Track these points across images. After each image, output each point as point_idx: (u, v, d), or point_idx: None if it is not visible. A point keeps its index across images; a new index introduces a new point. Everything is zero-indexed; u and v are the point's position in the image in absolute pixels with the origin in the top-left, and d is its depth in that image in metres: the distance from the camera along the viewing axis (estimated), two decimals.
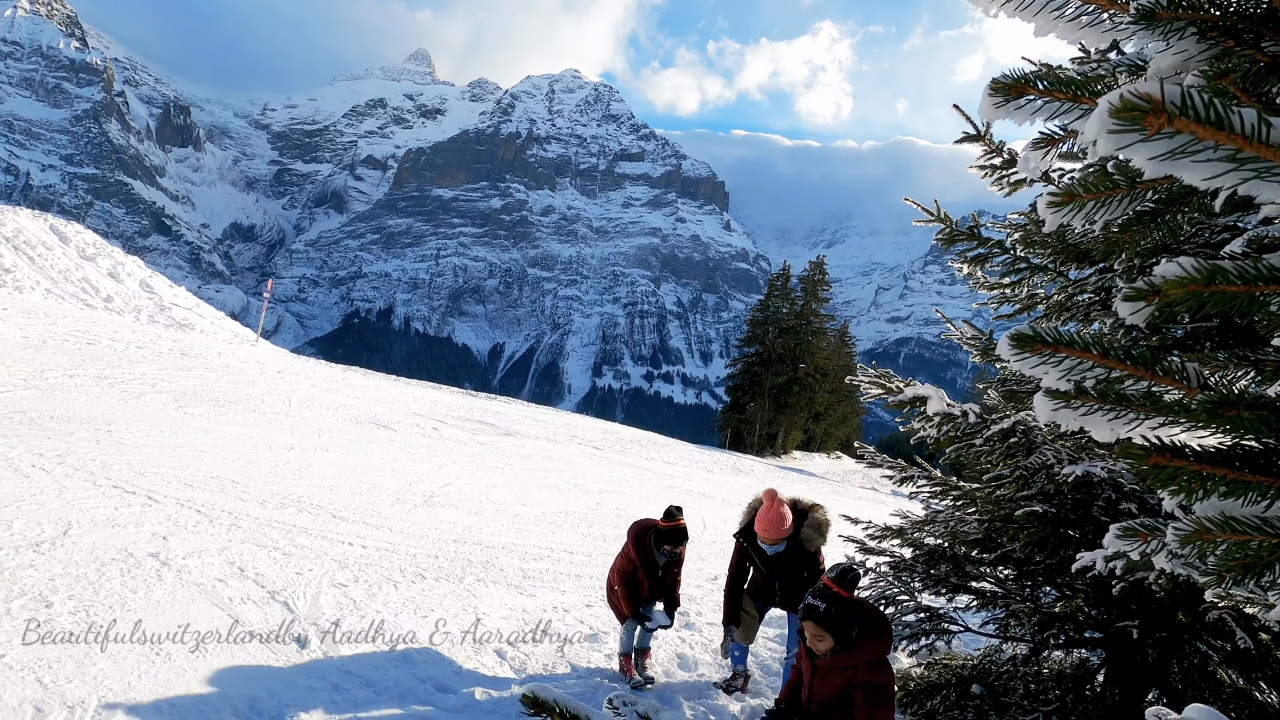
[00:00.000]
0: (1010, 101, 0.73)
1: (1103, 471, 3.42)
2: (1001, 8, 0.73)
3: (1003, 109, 0.74)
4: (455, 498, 8.90)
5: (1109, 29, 0.71)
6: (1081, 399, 0.71)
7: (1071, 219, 0.77)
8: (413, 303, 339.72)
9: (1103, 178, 0.74)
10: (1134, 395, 0.70)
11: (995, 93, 0.74)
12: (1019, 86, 0.72)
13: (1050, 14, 0.72)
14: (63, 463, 5.90)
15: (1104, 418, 0.72)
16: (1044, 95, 0.72)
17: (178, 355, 14.44)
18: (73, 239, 22.97)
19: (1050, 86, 0.71)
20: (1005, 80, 0.73)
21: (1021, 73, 0.74)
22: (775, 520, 4.33)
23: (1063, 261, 4.68)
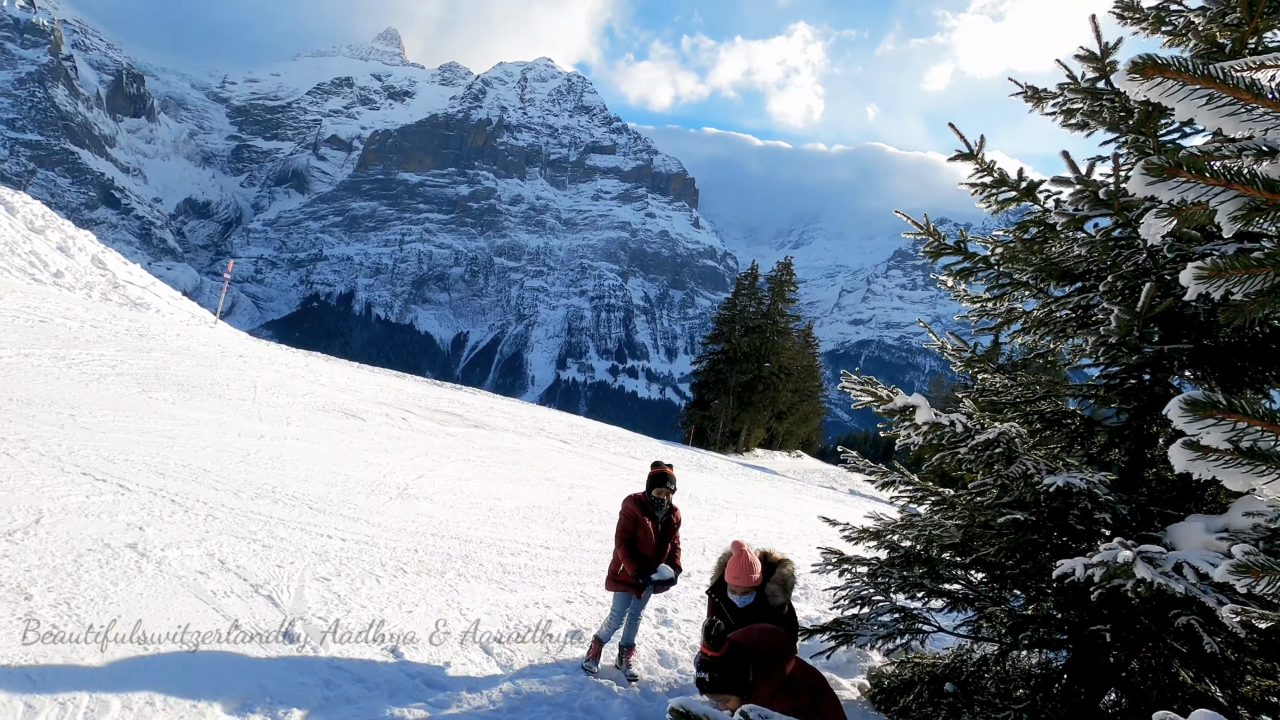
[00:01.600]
0: (1161, 181, 0.80)
1: (1082, 483, 3.60)
2: (1150, 91, 0.80)
3: (1153, 185, 0.81)
4: (429, 490, 8.83)
5: (1247, 120, 0.79)
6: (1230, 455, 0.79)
7: (1215, 290, 0.85)
8: (375, 288, 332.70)
9: (1245, 259, 0.82)
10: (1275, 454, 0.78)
11: (1149, 172, 0.81)
12: (1171, 170, 0.80)
13: (1198, 103, 0.79)
14: (27, 447, 5.68)
15: (1244, 472, 0.80)
16: (1190, 178, 0.79)
17: (135, 336, 13.94)
18: (20, 210, 21.88)
19: (1196, 171, 0.79)
20: (1157, 164, 0.80)
21: (1174, 157, 0.81)
22: (744, 568, 4.29)
23: (1044, 278, 4.87)
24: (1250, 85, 0.75)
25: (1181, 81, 0.77)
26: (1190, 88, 0.77)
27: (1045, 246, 4.67)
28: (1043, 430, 4.77)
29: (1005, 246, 4.89)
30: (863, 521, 5.77)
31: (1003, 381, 4.95)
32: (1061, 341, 4.87)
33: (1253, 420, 0.78)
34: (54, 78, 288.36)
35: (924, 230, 5.02)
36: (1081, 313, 4.62)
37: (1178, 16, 4.71)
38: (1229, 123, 0.81)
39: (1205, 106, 0.79)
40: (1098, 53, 4.18)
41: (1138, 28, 4.85)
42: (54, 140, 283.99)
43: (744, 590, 4.31)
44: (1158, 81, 0.79)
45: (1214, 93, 0.77)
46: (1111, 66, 4.11)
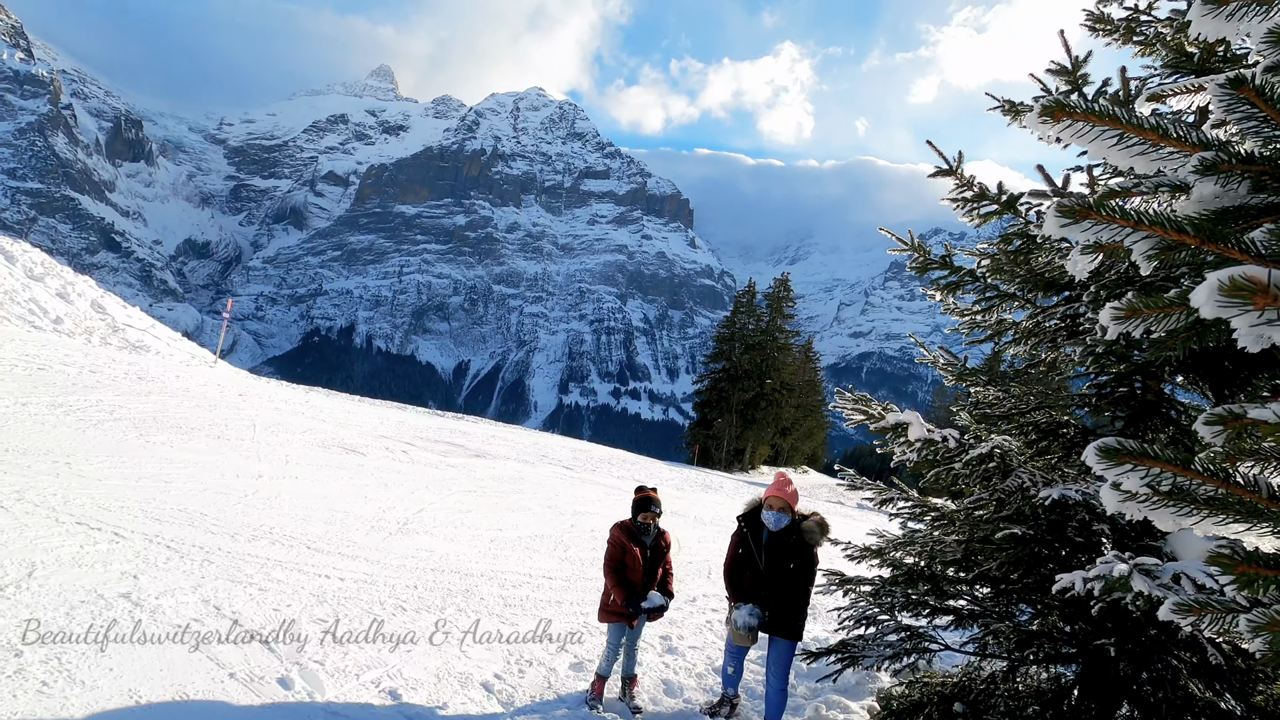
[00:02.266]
0: (1074, 223, 0.81)
1: (1078, 495, 3.57)
2: (1062, 133, 0.81)
3: (1066, 228, 0.82)
4: (430, 524, 8.77)
5: (1156, 159, 0.80)
6: (1154, 498, 0.78)
7: (1134, 329, 0.85)
8: (375, 320, 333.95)
9: (1159, 299, 0.83)
10: (1202, 497, 0.78)
11: (1061, 214, 0.82)
12: (1083, 212, 0.80)
13: (1108, 143, 0.80)
14: (22, 499, 5.65)
15: (1172, 513, 0.79)
16: (1102, 220, 0.80)
17: (134, 379, 13.96)
18: (19, 258, 22.07)
19: (1107, 213, 0.79)
20: (1068, 205, 0.81)
21: (1084, 198, 0.82)
22: (785, 487, 4.53)
23: (1031, 289, 4.88)
24: (1155, 126, 0.76)
25: (1090, 123, 0.78)
26: (1099, 129, 0.78)
27: (1030, 258, 4.68)
28: (1039, 441, 4.74)
29: (991, 259, 4.91)
30: (865, 539, 5.72)
31: (995, 394, 4.94)
32: (1053, 352, 4.86)
33: (1165, 465, 0.78)
34: (54, 127, 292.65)
35: (909, 246, 5.05)
36: (1070, 322, 4.62)
37: (1148, 27, 4.78)
38: (1139, 162, 0.82)
39: (1115, 147, 0.80)
40: (1069, 66, 4.23)
41: (1109, 39, 4.92)
42: (54, 188, 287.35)
43: (780, 508, 4.47)
44: (1067, 124, 0.80)
45: (1122, 133, 0.78)
46: (1083, 79, 4.16)
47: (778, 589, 4.57)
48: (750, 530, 4.59)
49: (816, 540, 4.62)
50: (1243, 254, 0.69)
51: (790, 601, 4.60)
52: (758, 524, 4.63)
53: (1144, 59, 4.90)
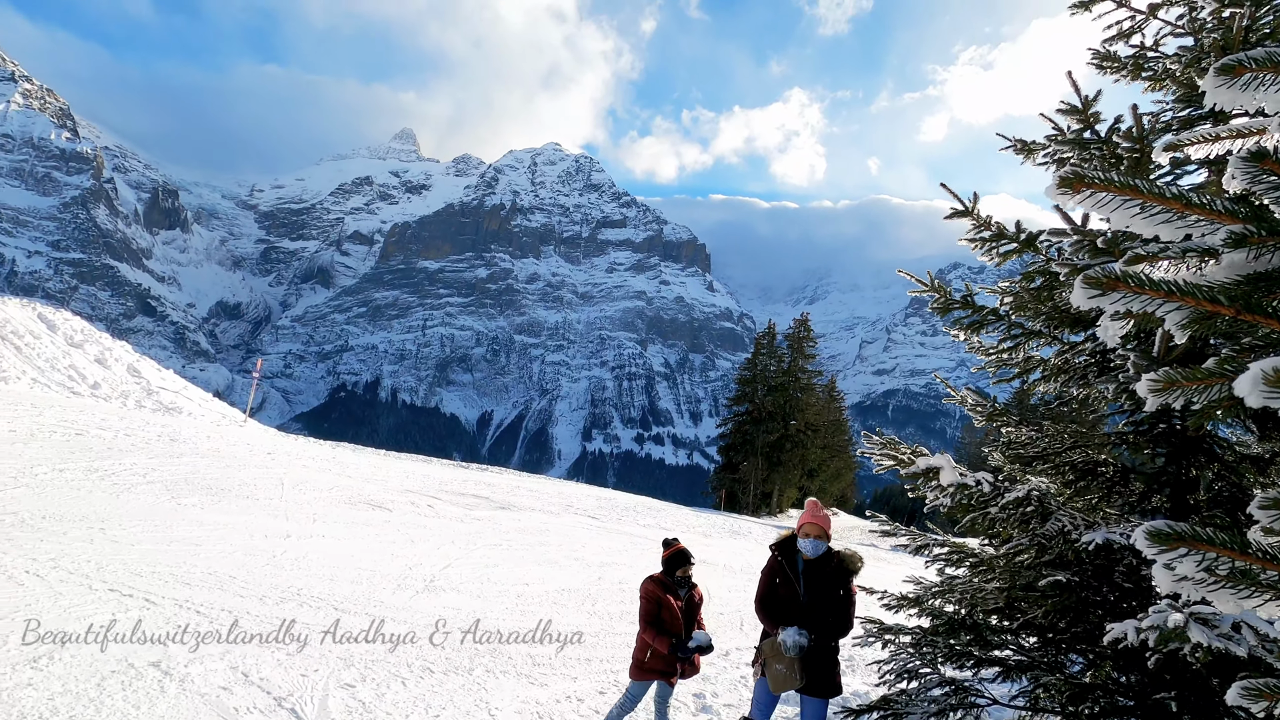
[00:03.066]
0: (1102, 295, 0.80)
1: (1123, 538, 3.44)
2: (1082, 203, 0.82)
3: (1095, 299, 0.82)
4: (456, 580, 8.69)
5: (1182, 226, 0.80)
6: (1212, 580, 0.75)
7: (1173, 400, 0.84)
8: (400, 374, 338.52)
9: (1198, 370, 0.81)
10: (1265, 581, 0.75)
11: (1089, 285, 0.82)
12: (1111, 283, 0.80)
13: (1130, 213, 0.80)
14: (57, 566, 5.73)
15: (1232, 595, 0.76)
16: (1132, 290, 0.79)
17: (167, 441, 14.23)
18: (60, 326, 22.91)
19: (1138, 284, 0.79)
20: (1095, 277, 0.81)
21: (1113, 271, 0.82)
22: (819, 514, 4.33)
23: (1057, 325, 4.82)
24: (1178, 196, 0.76)
25: (1110, 193, 0.78)
26: (1120, 198, 0.78)
27: (1053, 294, 4.64)
28: (1076, 482, 4.59)
29: (1014, 296, 4.86)
30: (901, 587, 5.54)
31: (1028, 433, 4.82)
32: (1084, 388, 4.76)
33: (1221, 550, 0.75)
34: (96, 199, 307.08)
35: (930, 287, 5.03)
36: (1100, 358, 4.54)
37: (1155, 63, 4.82)
38: (1165, 229, 0.81)
39: (1138, 216, 0.79)
40: (1079, 106, 4.26)
41: (1117, 76, 4.96)
42: (95, 257, 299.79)
43: (817, 534, 4.29)
44: (1088, 194, 0.80)
45: (1143, 203, 0.78)
46: (1095, 117, 4.18)
47: (822, 617, 4.23)
48: (785, 558, 4.37)
49: (856, 568, 4.37)
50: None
51: (835, 633, 4.27)
52: (793, 552, 4.41)
53: (1154, 94, 4.93)
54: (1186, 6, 4.40)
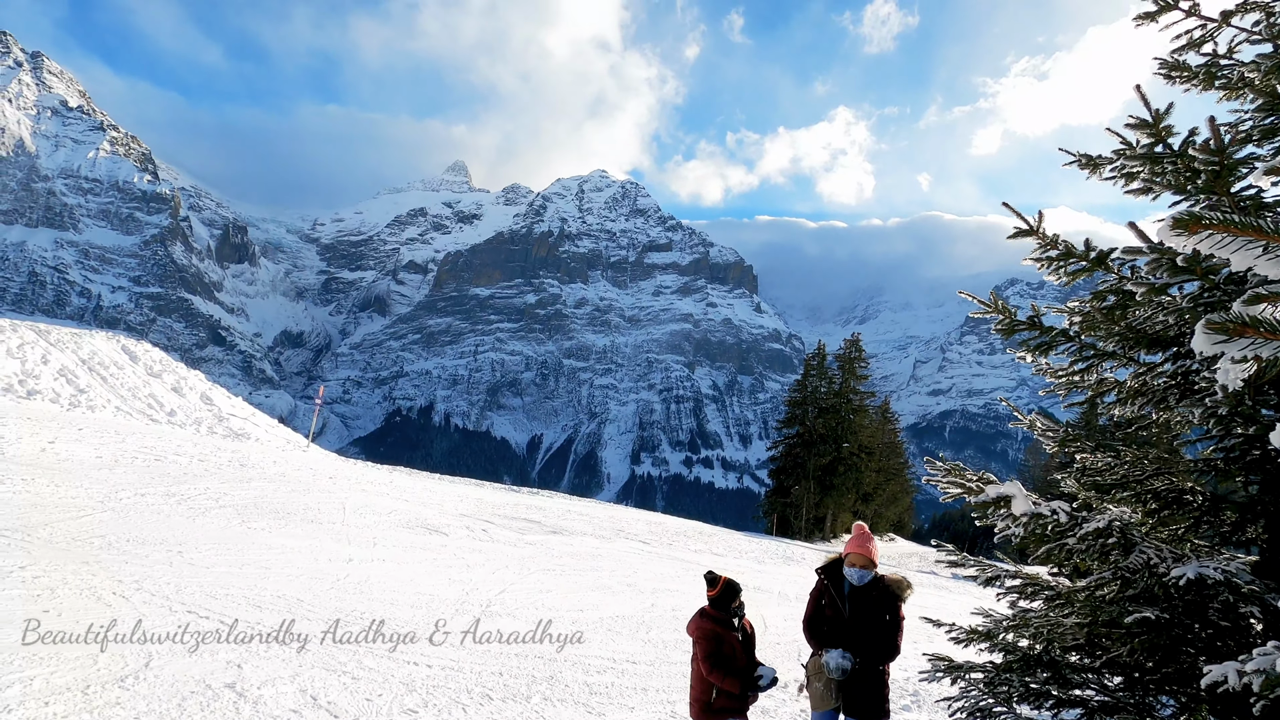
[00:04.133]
0: (1229, 341, 0.78)
1: (1217, 573, 3.23)
2: (1200, 245, 0.79)
3: (1222, 345, 0.79)
4: (512, 606, 8.75)
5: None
6: None
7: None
8: (452, 399, 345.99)
9: None
10: None
11: (1213, 330, 0.79)
12: (1239, 327, 0.78)
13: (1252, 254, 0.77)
14: (140, 588, 6.03)
15: None
16: (1264, 336, 0.76)
17: (237, 466, 14.87)
18: (141, 357, 24.34)
19: (1269, 330, 0.76)
20: (1219, 321, 0.79)
21: (1240, 316, 0.79)
22: (866, 541, 4.29)
23: (1132, 346, 4.60)
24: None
25: (1230, 234, 0.76)
26: (1241, 239, 0.75)
27: (1127, 313, 4.44)
28: (1160, 511, 4.34)
29: (1084, 316, 4.67)
30: (970, 620, 5.31)
31: (1106, 459, 4.59)
32: (1164, 412, 4.51)
33: None
34: (173, 237, 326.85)
35: (993, 308, 4.88)
36: (1182, 379, 4.30)
37: (1230, 70, 4.62)
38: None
39: (1263, 257, 0.76)
40: (1150, 119, 4.11)
41: (1188, 85, 4.77)
42: (171, 290, 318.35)
43: (863, 564, 4.23)
44: (1206, 234, 0.77)
45: (1266, 244, 0.74)
46: (1167, 131, 4.02)
47: (868, 641, 4.13)
48: (832, 582, 4.32)
49: (904, 594, 4.26)
50: None
51: (880, 653, 4.16)
52: (838, 576, 4.32)
53: (1230, 103, 4.72)
54: (1264, 12, 4.21)
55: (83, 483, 9.89)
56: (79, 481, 9.94)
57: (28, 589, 5.59)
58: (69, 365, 21.14)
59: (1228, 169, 3.78)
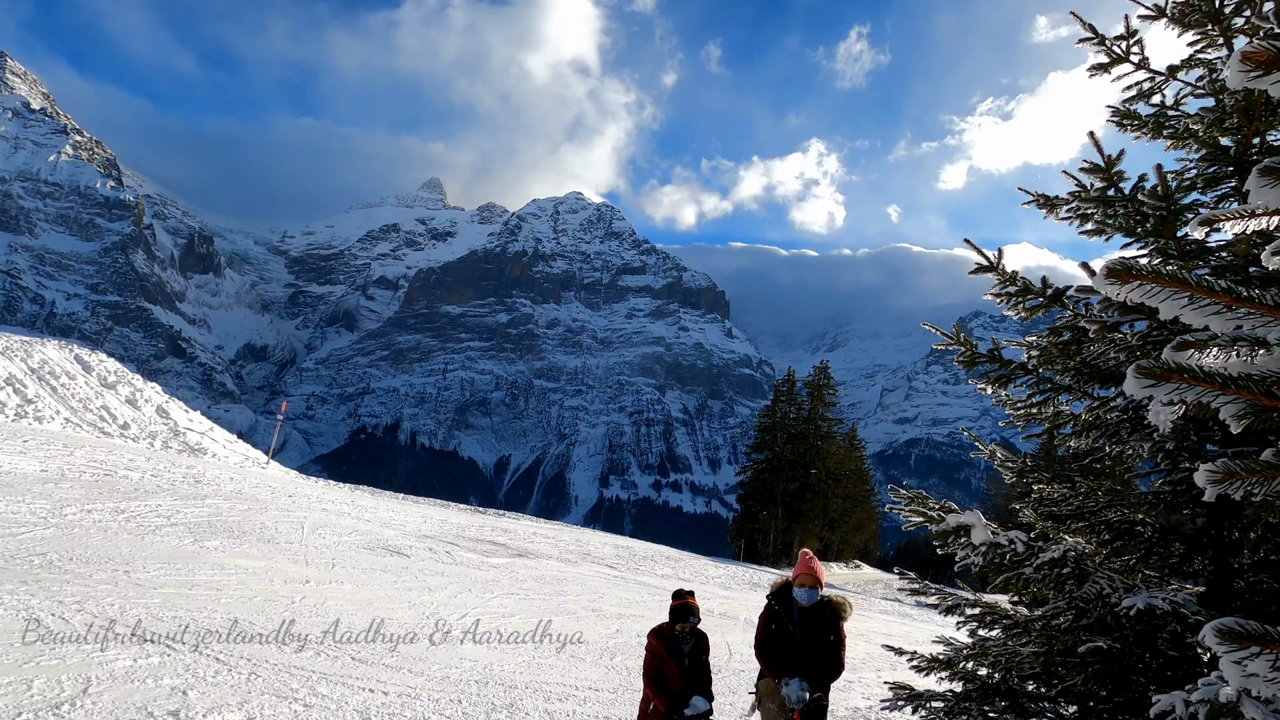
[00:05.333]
0: (1156, 385, 0.82)
1: (1166, 604, 3.32)
2: (1130, 295, 0.84)
3: (1150, 389, 0.83)
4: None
5: (1232, 319, 0.81)
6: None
7: (1232, 492, 0.85)
8: (419, 417, 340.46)
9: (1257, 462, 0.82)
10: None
11: (1142, 375, 0.83)
12: (1164, 374, 0.82)
13: (1179, 304, 0.82)
14: (82, 609, 5.76)
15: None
16: (1186, 383, 0.81)
17: (191, 483, 14.39)
18: (95, 368, 23.53)
19: (1191, 376, 0.81)
20: (1147, 367, 0.83)
21: (1166, 363, 0.84)
22: (813, 564, 4.53)
23: (1086, 380, 4.76)
24: (1227, 289, 0.78)
25: (1159, 285, 0.80)
26: (1169, 290, 0.80)
27: (1082, 349, 4.59)
28: (1113, 542, 4.46)
29: (1041, 350, 4.82)
30: (932, 648, 5.36)
31: (1061, 490, 4.71)
32: (1116, 445, 4.66)
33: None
34: (135, 245, 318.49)
35: (955, 340, 5.01)
36: (1133, 414, 4.46)
37: (1177, 121, 4.87)
38: (1214, 321, 0.83)
39: (1188, 308, 0.81)
40: (1102, 164, 4.30)
41: (1138, 133, 5.02)
42: (131, 299, 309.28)
43: (811, 584, 4.49)
44: (1136, 285, 0.82)
45: (1192, 295, 0.80)
46: (1119, 176, 4.21)
47: (817, 661, 4.47)
48: (781, 606, 4.57)
49: (846, 614, 4.64)
50: None
51: (829, 675, 4.48)
52: (788, 599, 4.59)
53: (1176, 151, 4.97)
54: (1207, 69, 4.46)
55: (24, 497, 9.46)
56: (20, 496, 9.51)
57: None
58: (16, 374, 20.33)
59: (1174, 214, 3.97)
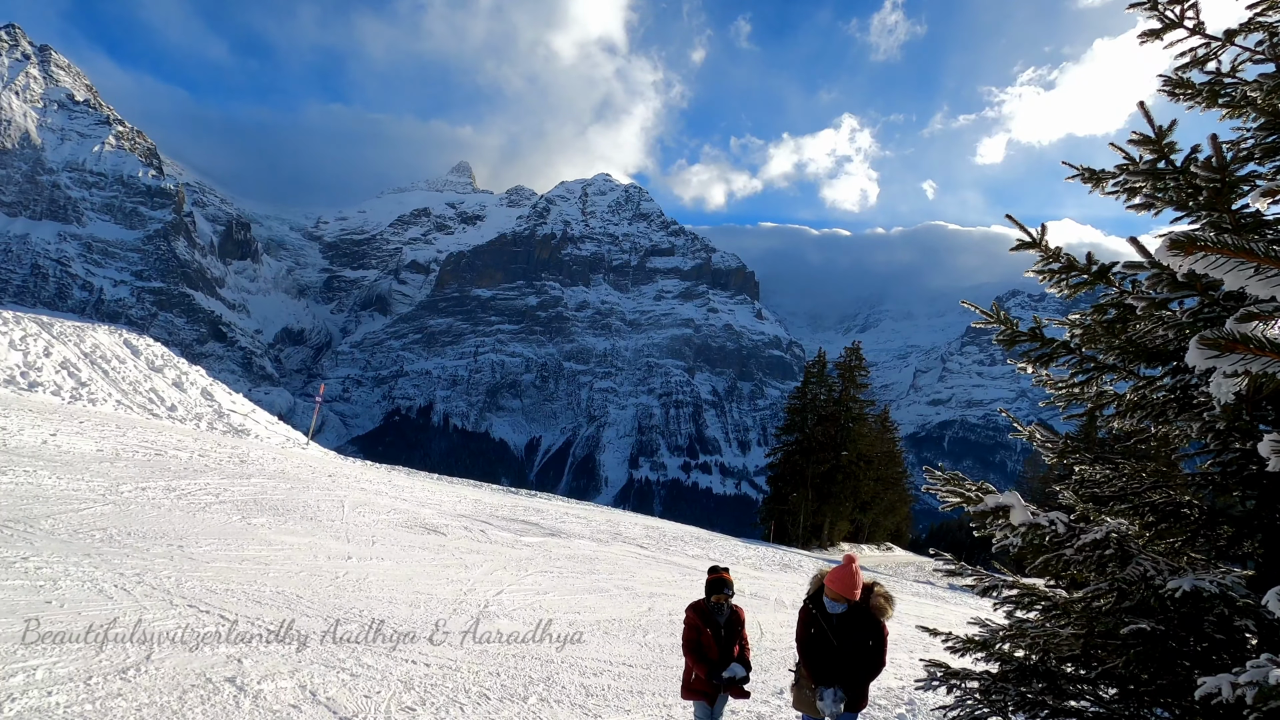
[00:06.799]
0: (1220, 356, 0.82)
1: (1213, 586, 3.26)
2: (1195, 265, 0.83)
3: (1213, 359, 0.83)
4: (509, 607, 8.76)
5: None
6: None
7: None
8: (451, 399, 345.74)
9: None
10: None
11: (1206, 346, 0.83)
12: (1229, 344, 0.81)
13: (1244, 274, 0.81)
14: (141, 581, 6.05)
15: None
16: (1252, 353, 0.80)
17: (237, 463, 14.89)
18: (143, 352, 24.37)
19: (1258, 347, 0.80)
20: (1211, 337, 0.83)
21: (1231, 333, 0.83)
22: (847, 579, 4.48)
23: (1132, 359, 4.64)
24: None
25: (1224, 256, 0.79)
26: (1234, 261, 0.78)
27: (1128, 327, 4.47)
28: (1157, 524, 4.37)
29: (1085, 329, 4.71)
30: (967, 629, 5.34)
31: (1104, 472, 4.62)
32: (1163, 426, 4.55)
33: None
34: (176, 232, 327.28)
35: (994, 318, 4.92)
36: (1181, 394, 4.34)
37: (1233, 89, 4.66)
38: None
39: (1254, 278, 0.80)
40: (1153, 135, 4.15)
41: (1191, 102, 4.82)
42: (173, 286, 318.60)
43: (838, 599, 4.50)
44: (1200, 256, 0.81)
45: (1259, 265, 0.78)
46: (1170, 148, 4.06)
47: (854, 667, 4.52)
48: (818, 610, 4.59)
49: (886, 613, 4.65)
50: None
51: (867, 676, 4.55)
52: (823, 603, 4.62)
53: (1232, 121, 4.77)
54: (1268, 32, 4.26)
55: (84, 476, 9.91)
56: (80, 475, 9.97)
57: (30, 580, 5.61)
58: (71, 358, 21.17)
59: (1229, 186, 3.83)
